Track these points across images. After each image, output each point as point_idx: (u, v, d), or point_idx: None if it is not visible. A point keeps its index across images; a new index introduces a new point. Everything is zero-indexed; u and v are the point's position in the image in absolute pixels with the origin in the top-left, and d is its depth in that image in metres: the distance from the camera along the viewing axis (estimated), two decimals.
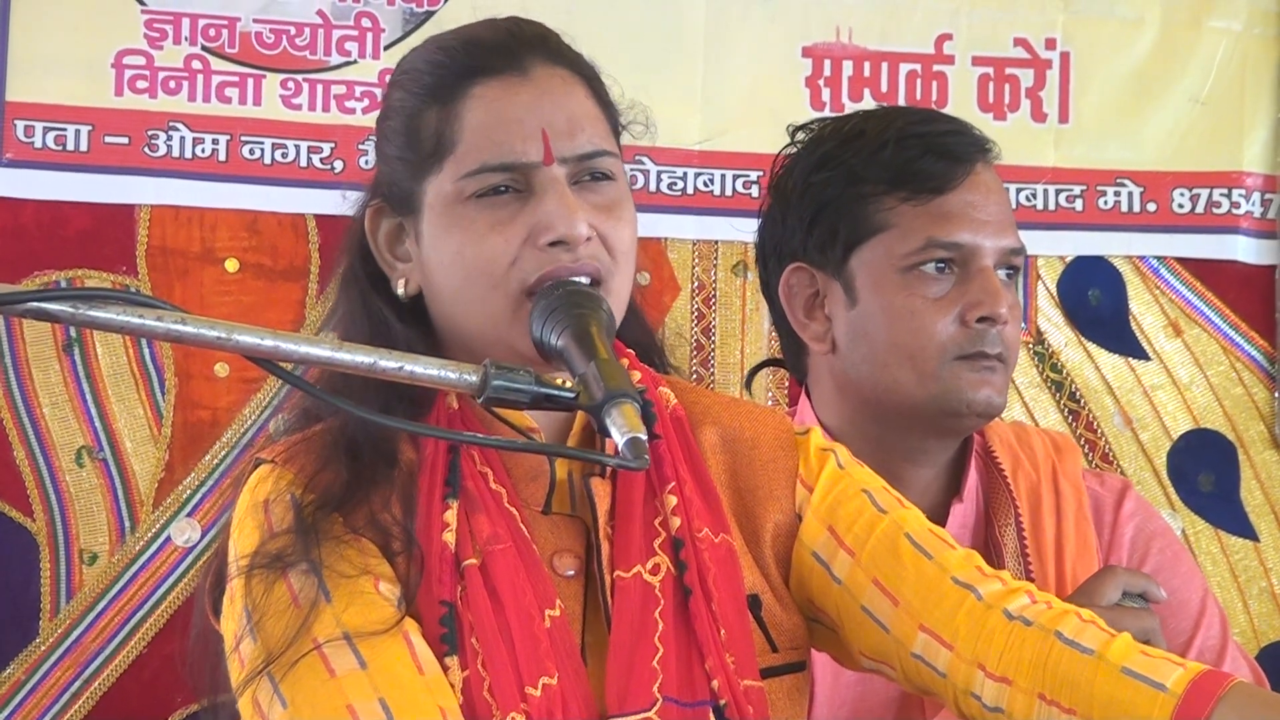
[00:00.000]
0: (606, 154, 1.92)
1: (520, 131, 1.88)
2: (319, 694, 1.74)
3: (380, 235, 1.97)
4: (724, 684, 1.83)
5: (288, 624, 1.76)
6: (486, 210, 1.88)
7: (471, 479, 1.87)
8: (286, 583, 1.79)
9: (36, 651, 3.20)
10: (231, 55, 3.29)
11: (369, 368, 1.63)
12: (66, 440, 3.24)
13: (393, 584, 1.81)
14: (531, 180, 1.88)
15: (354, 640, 1.75)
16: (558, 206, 1.87)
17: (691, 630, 1.85)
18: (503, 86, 1.91)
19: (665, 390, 1.97)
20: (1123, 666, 1.78)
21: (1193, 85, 3.51)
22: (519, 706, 1.76)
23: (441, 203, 1.90)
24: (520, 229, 1.87)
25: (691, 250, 3.39)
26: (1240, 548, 3.47)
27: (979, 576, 1.89)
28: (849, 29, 3.44)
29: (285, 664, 1.75)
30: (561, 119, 1.90)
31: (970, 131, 2.47)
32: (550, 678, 1.78)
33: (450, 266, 1.90)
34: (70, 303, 1.55)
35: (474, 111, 1.90)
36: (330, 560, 1.80)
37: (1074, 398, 3.47)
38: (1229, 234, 3.50)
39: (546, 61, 1.93)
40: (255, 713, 1.77)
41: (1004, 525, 2.44)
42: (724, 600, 1.86)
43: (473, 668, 1.79)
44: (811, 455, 1.98)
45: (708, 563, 1.87)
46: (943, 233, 2.39)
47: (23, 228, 3.24)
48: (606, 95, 1.98)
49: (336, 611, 1.77)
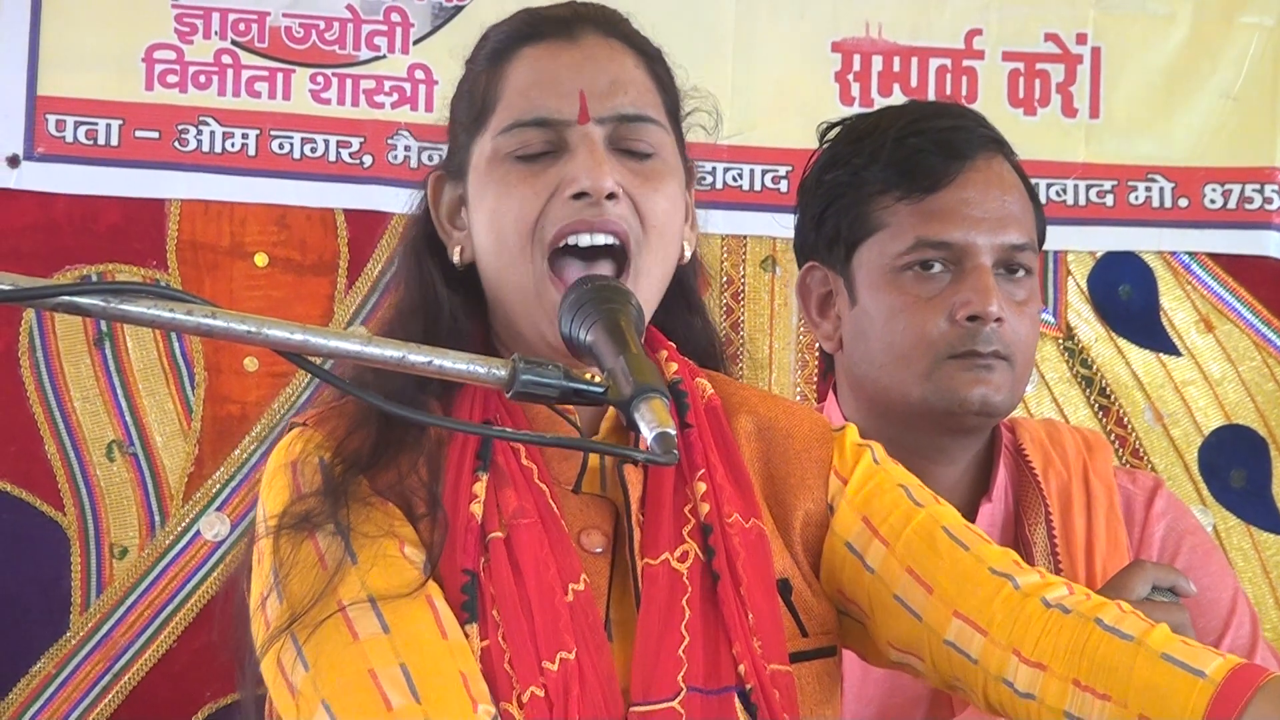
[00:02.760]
0: (649, 120, 1.91)
1: (558, 90, 1.89)
2: (341, 657, 1.74)
3: (442, 205, 1.98)
4: (750, 668, 1.82)
5: (313, 584, 1.77)
6: (521, 167, 1.89)
7: (502, 454, 1.87)
8: (314, 543, 1.80)
9: (67, 645, 3.21)
10: (261, 50, 3.30)
11: (398, 362, 1.63)
12: (97, 434, 3.25)
13: (417, 547, 1.82)
14: (566, 139, 1.89)
15: (378, 603, 1.76)
16: (586, 160, 1.87)
17: (719, 615, 1.84)
18: (549, 49, 1.92)
19: (702, 381, 1.97)
20: (1162, 653, 1.78)
21: (1224, 80, 3.49)
22: (538, 680, 1.76)
23: (484, 162, 1.92)
24: (548, 184, 1.87)
25: (720, 245, 3.39)
26: (1272, 543, 3.46)
27: (1016, 569, 1.89)
28: (879, 24, 3.43)
29: (309, 624, 1.75)
30: (604, 81, 1.90)
31: (973, 126, 2.45)
32: (568, 653, 1.78)
33: (486, 225, 1.91)
34: (101, 296, 1.55)
35: (518, 72, 1.92)
36: (356, 522, 1.80)
37: (1104, 393, 3.46)
38: (1261, 229, 3.49)
39: (599, 32, 1.94)
40: (278, 674, 1.77)
41: (1034, 524, 2.43)
42: (753, 584, 1.86)
43: (493, 639, 1.79)
44: (847, 449, 1.98)
45: (737, 548, 1.87)
46: (932, 232, 2.38)
47: (54, 222, 3.25)
48: (668, 77, 1.98)
49: (361, 573, 1.78)
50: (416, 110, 3.32)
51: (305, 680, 1.75)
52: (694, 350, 2.02)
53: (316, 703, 1.73)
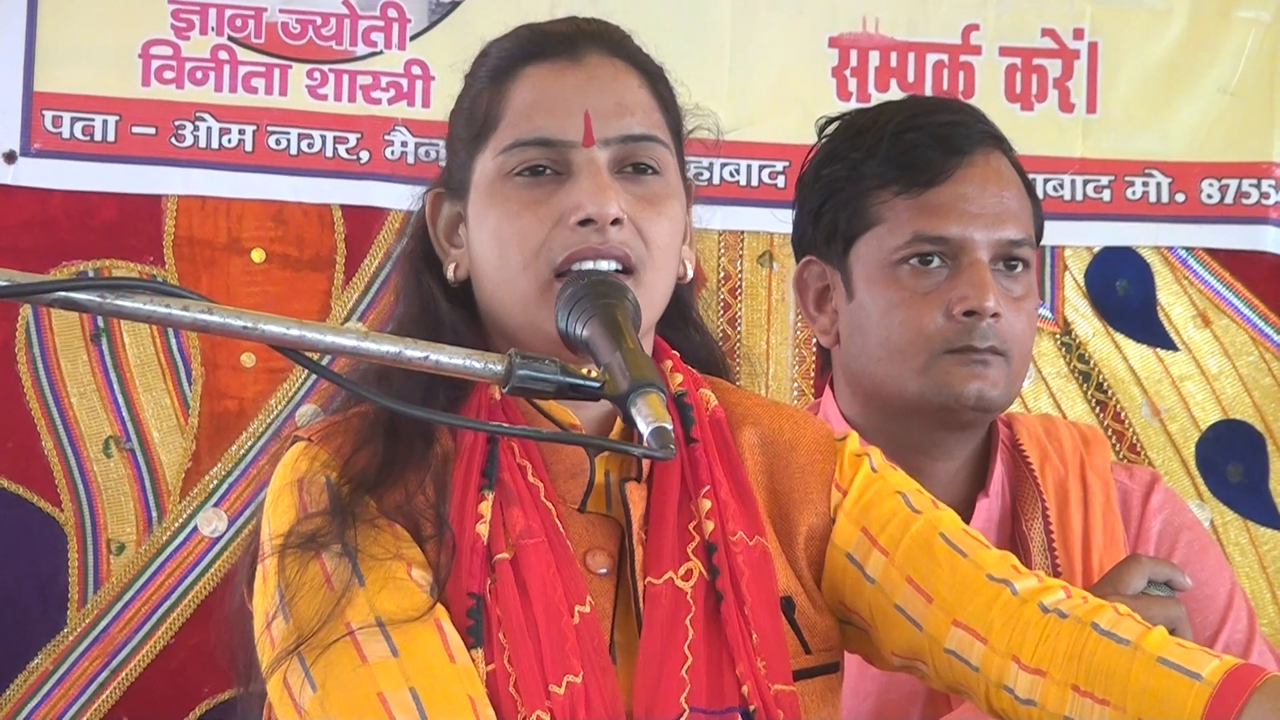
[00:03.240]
0: (654, 141, 1.91)
1: (562, 110, 1.88)
2: (350, 680, 1.74)
3: (440, 222, 1.98)
4: (754, 689, 1.82)
5: (321, 605, 1.77)
6: (525, 189, 1.88)
7: (509, 471, 1.87)
8: (320, 563, 1.79)
9: (64, 641, 3.21)
10: (258, 45, 3.30)
11: (394, 357, 1.63)
12: (94, 430, 3.24)
13: (424, 569, 1.81)
14: (570, 161, 1.88)
15: (386, 627, 1.76)
16: (590, 185, 1.86)
17: (723, 635, 1.84)
18: (553, 68, 1.91)
19: (706, 392, 1.97)
20: (1159, 657, 1.78)
21: (1221, 75, 3.49)
22: (544, 704, 1.76)
23: (485, 181, 1.91)
24: (553, 210, 1.87)
25: (717, 241, 3.39)
26: (1269, 538, 3.46)
27: (1014, 573, 1.89)
28: (876, 19, 3.43)
29: (317, 646, 1.75)
30: (609, 103, 1.90)
31: (971, 121, 2.45)
32: (575, 676, 1.78)
33: (489, 246, 1.90)
34: (98, 292, 1.55)
35: (521, 91, 1.91)
36: (363, 544, 1.80)
37: (1101, 388, 3.46)
38: (1258, 224, 3.48)
39: (603, 51, 1.93)
40: (285, 695, 1.77)
41: (1031, 520, 2.43)
42: (757, 604, 1.86)
43: (499, 662, 1.78)
44: (846, 459, 1.97)
45: (741, 566, 1.86)
46: (929, 227, 2.38)
47: (50, 218, 3.25)
48: (670, 96, 1.97)
49: (370, 596, 1.77)
50: (413, 106, 3.31)
51: (313, 701, 1.74)
52: (694, 363, 2.02)
53: None
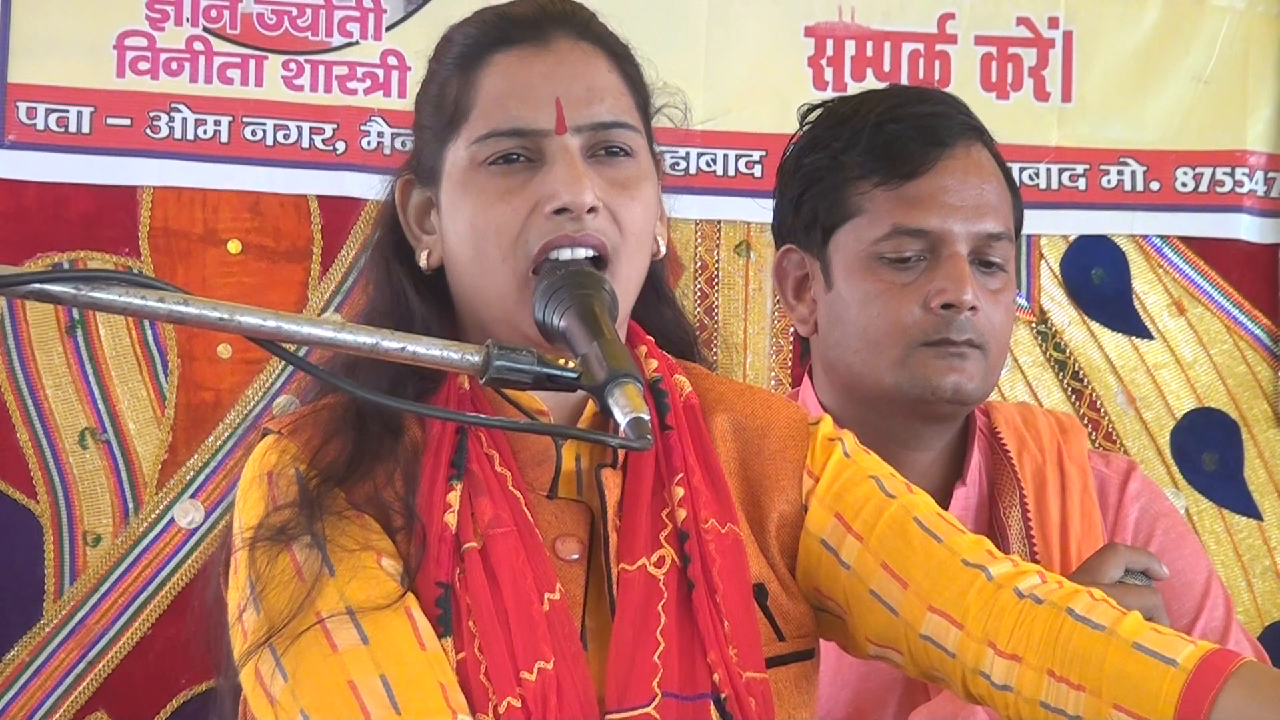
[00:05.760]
0: (625, 126, 1.90)
1: (533, 98, 1.88)
2: (321, 668, 1.74)
3: (410, 208, 1.97)
4: (725, 677, 1.82)
5: (291, 596, 1.77)
6: (498, 178, 1.88)
7: (477, 461, 1.87)
8: (290, 555, 1.80)
9: (40, 633, 3.20)
10: (233, 36, 3.29)
11: (371, 348, 1.62)
12: (70, 422, 3.24)
13: (395, 559, 1.81)
14: (543, 149, 1.87)
15: (356, 615, 1.76)
16: (564, 174, 1.85)
17: (695, 623, 1.84)
18: (521, 55, 1.90)
19: (680, 378, 1.96)
20: (1134, 642, 1.78)
21: (1196, 64, 3.50)
22: (514, 691, 1.77)
23: (458, 170, 1.90)
24: (528, 199, 1.86)
25: (694, 230, 3.39)
26: (1244, 526, 3.47)
27: (989, 558, 1.89)
28: (851, 9, 3.43)
29: (288, 636, 1.75)
30: (579, 88, 1.89)
31: (953, 113, 2.45)
32: (546, 662, 1.78)
33: (463, 235, 1.89)
34: (72, 284, 1.55)
35: (491, 78, 1.90)
36: (333, 534, 1.80)
37: (1077, 377, 3.47)
38: (1232, 213, 3.49)
39: (570, 35, 1.92)
40: (257, 685, 1.77)
41: (1009, 507, 2.44)
42: (729, 592, 1.86)
43: (469, 650, 1.79)
44: (818, 444, 1.97)
45: (713, 554, 1.87)
46: (909, 219, 2.38)
47: (25, 209, 3.24)
48: (638, 75, 1.97)
49: (340, 585, 1.78)
50: (389, 96, 3.31)
51: (284, 691, 1.75)
52: (666, 339, 2.02)
53: (295, 713, 1.73)
